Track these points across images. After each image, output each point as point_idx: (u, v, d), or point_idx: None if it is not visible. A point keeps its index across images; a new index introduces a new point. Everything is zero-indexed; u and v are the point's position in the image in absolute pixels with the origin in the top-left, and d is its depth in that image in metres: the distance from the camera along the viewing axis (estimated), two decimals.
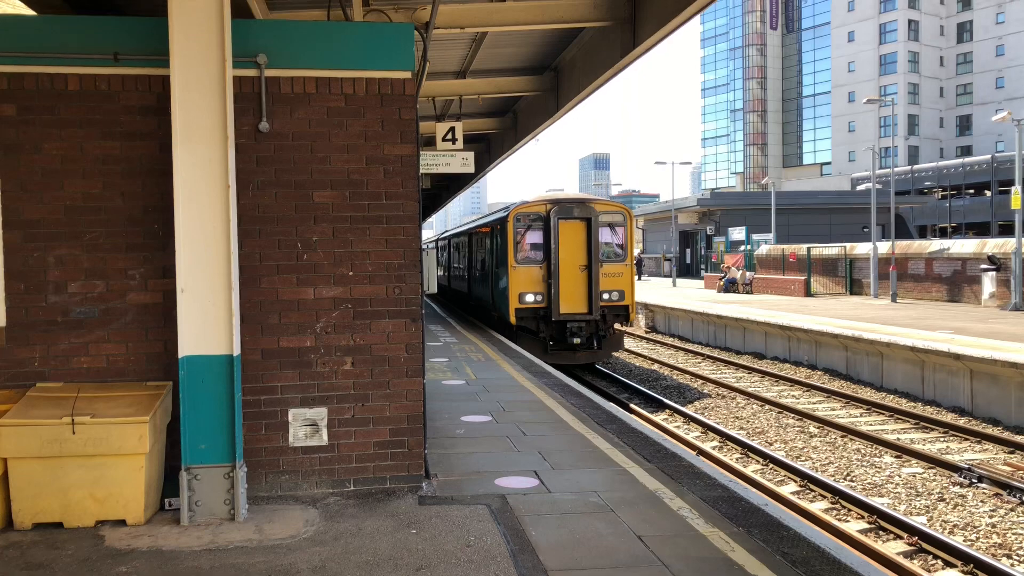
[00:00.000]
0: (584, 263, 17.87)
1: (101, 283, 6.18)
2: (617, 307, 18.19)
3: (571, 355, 18.17)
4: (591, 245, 17.71)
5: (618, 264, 18.30)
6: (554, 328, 17.96)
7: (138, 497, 5.66)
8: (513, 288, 17.77)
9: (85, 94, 6.13)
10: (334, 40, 6.47)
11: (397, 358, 6.53)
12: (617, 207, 18.66)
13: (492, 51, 14.66)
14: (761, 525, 5.65)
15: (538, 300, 17.78)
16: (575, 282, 17.77)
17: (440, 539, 5.39)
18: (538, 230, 18.03)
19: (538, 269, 17.86)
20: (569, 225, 17.82)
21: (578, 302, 17.87)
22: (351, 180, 6.45)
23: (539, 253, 17.97)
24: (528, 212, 18.13)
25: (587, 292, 17.83)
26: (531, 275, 17.83)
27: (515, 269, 17.75)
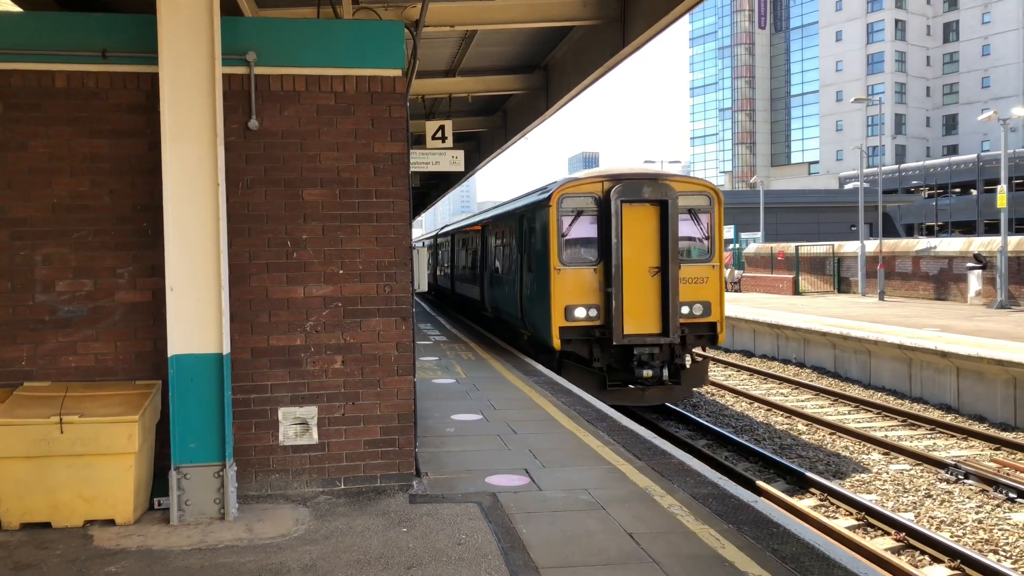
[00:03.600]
0: (656, 264, 12.88)
1: (89, 282, 6.14)
2: (700, 324, 13.26)
3: (638, 394, 13.11)
4: (667, 239, 12.77)
5: (702, 265, 13.29)
6: (614, 355, 13.02)
7: (127, 497, 5.64)
8: (557, 299, 12.85)
9: (72, 91, 6.09)
10: (324, 38, 6.44)
11: (388, 356, 6.52)
12: (701, 185, 13.71)
13: (482, 49, 14.64)
14: (751, 522, 5.67)
15: (592, 316, 12.85)
16: (644, 291, 12.83)
17: (431, 537, 5.39)
18: (591, 217, 13.09)
19: (591, 273, 12.95)
20: (636, 211, 12.91)
21: (648, 319, 12.85)
22: (341, 178, 6.44)
23: (592, 250, 13.09)
24: (578, 192, 13.16)
25: (661, 305, 12.84)
26: (581, 281, 12.90)
27: (559, 273, 12.86)
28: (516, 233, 15.57)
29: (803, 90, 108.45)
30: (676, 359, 13.25)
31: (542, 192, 14.50)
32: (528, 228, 14.51)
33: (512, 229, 16.08)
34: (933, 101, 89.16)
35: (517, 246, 15.40)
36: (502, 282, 17.18)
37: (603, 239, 12.98)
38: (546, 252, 13.13)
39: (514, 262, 15.68)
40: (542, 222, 13.46)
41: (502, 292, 17.15)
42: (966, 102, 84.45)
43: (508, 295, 16.37)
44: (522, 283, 14.90)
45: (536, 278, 13.82)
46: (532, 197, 15.28)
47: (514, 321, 16.11)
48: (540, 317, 13.54)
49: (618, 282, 12.66)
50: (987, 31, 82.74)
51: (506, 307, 16.76)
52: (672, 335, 12.78)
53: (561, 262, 12.99)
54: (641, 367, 12.83)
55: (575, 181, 13.47)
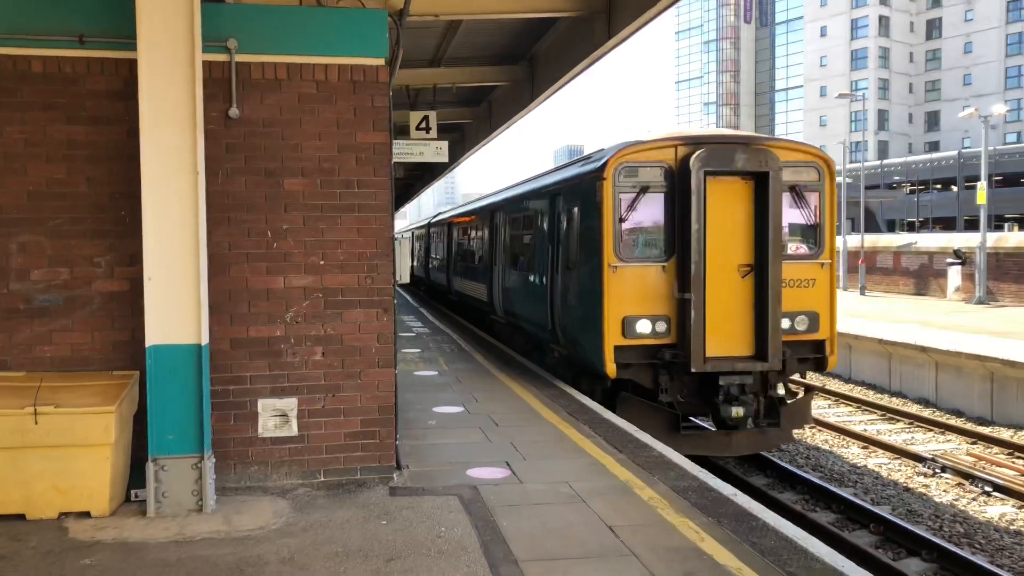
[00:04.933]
0: (748, 260, 9.54)
1: (65, 270, 6.05)
2: (804, 344, 9.92)
3: (722, 440, 9.70)
4: (765, 226, 9.37)
5: (807, 263, 9.92)
6: (690, 386, 9.74)
7: (103, 488, 5.57)
8: (612, 308, 9.49)
9: (49, 77, 5.99)
10: (306, 25, 6.37)
11: (368, 348, 6.48)
12: (808, 153, 10.17)
13: (467, 39, 14.56)
14: (731, 515, 5.69)
15: (660, 332, 9.54)
16: (732, 297, 9.52)
17: (411, 530, 5.37)
18: (658, 195, 9.69)
19: (659, 272, 9.59)
20: (725, 187, 9.51)
21: (738, 336, 9.53)
22: (322, 168, 6.38)
23: (660, 241, 9.74)
24: (643, 161, 9.68)
25: (755, 317, 9.51)
26: (646, 283, 9.57)
27: (616, 272, 9.50)
28: (546, 219, 12.22)
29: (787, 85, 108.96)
30: (771, 390, 9.83)
31: (587, 162, 10.98)
32: (566, 211, 11.03)
33: (539, 214, 12.79)
34: (916, 98, 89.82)
35: (548, 236, 11.91)
36: (522, 282, 13.73)
37: (676, 225, 9.56)
38: (596, 243, 9.69)
39: (542, 257, 12.22)
40: (590, 202, 10.01)
41: (523, 295, 13.71)
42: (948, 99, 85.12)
43: (532, 299, 12.89)
44: (554, 284, 11.48)
45: (579, 278, 10.35)
46: (571, 170, 11.60)
47: (539, 333, 12.62)
48: (584, 331, 10.12)
49: (699, 285, 9.23)
50: (969, 28, 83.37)
51: (528, 314, 13.21)
52: (771, 359, 9.30)
53: (618, 257, 9.53)
54: (728, 403, 9.36)
55: (637, 145, 9.82)
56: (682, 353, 9.40)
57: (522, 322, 14.04)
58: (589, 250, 9.99)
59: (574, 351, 10.82)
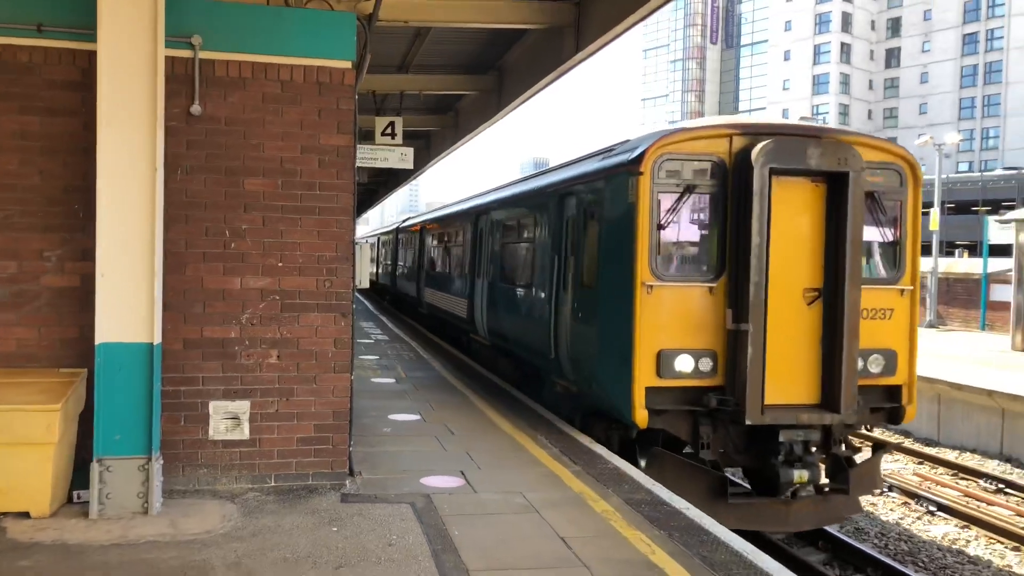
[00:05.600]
0: (815, 283, 7.72)
1: (13, 264, 5.90)
2: (877, 389, 8.01)
3: (780, 512, 7.76)
4: (841, 241, 7.58)
5: (884, 289, 8.05)
6: (739, 440, 7.81)
7: (44, 488, 5.42)
8: (645, 338, 7.54)
9: (3, 65, 5.85)
10: (273, 24, 6.32)
11: (325, 352, 6.41)
12: (891, 152, 8.28)
13: (436, 47, 14.55)
14: (682, 528, 5.73)
15: (704, 371, 7.61)
16: (795, 330, 7.66)
17: (361, 537, 5.31)
18: (704, 197, 7.84)
19: (704, 295, 7.68)
20: (791, 190, 7.69)
21: (802, 379, 7.68)
22: (284, 168, 6.31)
23: (704, 255, 7.93)
24: (690, 154, 7.79)
25: (823, 355, 7.66)
26: (688, 308, 7.67)
27: (651, 293, 7.54)
28: (549, 224, 10.23)
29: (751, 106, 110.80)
30: (836, 447, 7.90)
31: (610, 154, 8.78)
32: (580, 215, 9.13)
33: (539, 218, 10.80)
34: (874, 124, 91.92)
35: (552, 245, 9.99)
36: (515, 299, 11.75)
37: (728, 236, 7.63)
38: (626, 255, 7.69)
39: (543, 270, 10.27)
40: (619, 203, 8.00)
41: (514, 315, 11.76)
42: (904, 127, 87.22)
43: (527, 321, 10.96)
44: (560, 304, 9.53)
45: (599, 299, 8.38)
46: (587, 164, 9.43)
47: (536, 361, 10.70)
48: (604, 366, 8.15)
49: (759, 313, 7.32)
50: (926, 59, 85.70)
51: (522, 338, 11.26)
52: (844, 409, 7.41)
53: (655, 274, 7.53)
54: (790, 464, 7.50)
55: (682, 133, 7.89)
56: (734, 398, 7.41)
57: (513, 346, 11.93)
58: (615, 264, 7.99)
59: (587, 389, 8.76)
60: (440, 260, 18.96)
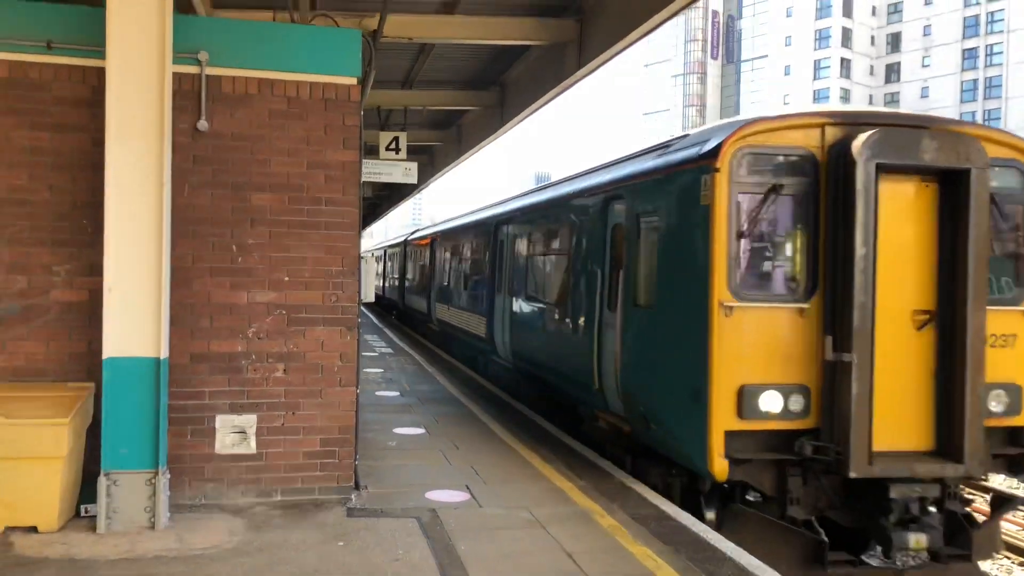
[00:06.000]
0: (927, 305, 6.49)
1: (23, 279, 5.93)
2: (1000, 431, 6.76)
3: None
4: (960, 253, 6.35)
5: (1005, 311, 6.74)
6: (838, 495, 6.54)
7: (52, 503, 5.42)
8: (723, 369, 6.32)
9: (14, 81, 5.90)
10: (279, 41, 6.38)
11: (331, 367, 6.43)
12: (1012, 147, 6.90)
13: (439, 63, 14.65)
14: (689, 543, 5.72)
15: (795, 410, 6.37)
16: (904, 360, 6.45)
17: (368, 552, 5.31)
18: (791, 199, 6.58)
19: (794, 318, 6.45)
20: (898, 190, 6.48)
21: (914, 421, 6.45)
22: (291, 184, 6.35)
23: (794, 269, 6.64)
24: (775, 148, 6.57)
25: (937, 391, 6.45)
26: (774, 333, 6.46)
27: (730, 315, 6.32)
28: (590, 233, 8.94)
29: None
30: (952, 501, 6.55)
31: (669, 149, 7.52)
32: (633, 221, 7.71)
33: (577, 226, 9.44)
34: None
35: (595, 257, 8.72)
36: (545, 319, 10.43)
37: (819, 246, 6.43)
38: (697, 269, 6.47)
39: (583, 286, 8.99)
40: (687, 206, 6.76)
41: (545, 337, 10.40)
42: None
43: (562, 345, 9.61)
44: (605, 327, 8.30)
45: (661, 322, 7.09)
46: (642, 162, 8.00)
47: (574, 391, 9.31)
48: (668, 403, 6.93)
49: (865, 340, 6.11)
50: (926, 74, 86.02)
51: (555, 364, 9.92)
52: (968, 458, 6.16)
53: (734, 292, 6.30)
54: (904, 526, 6.23)
55: (765, 122, 6.55)
56: (834, 445, 6.17)
57: (543, 372, 10.47)
58: (681, 280, 6.77)
59: (643, 428, 7.42)
60: (454, 274, 17.73)
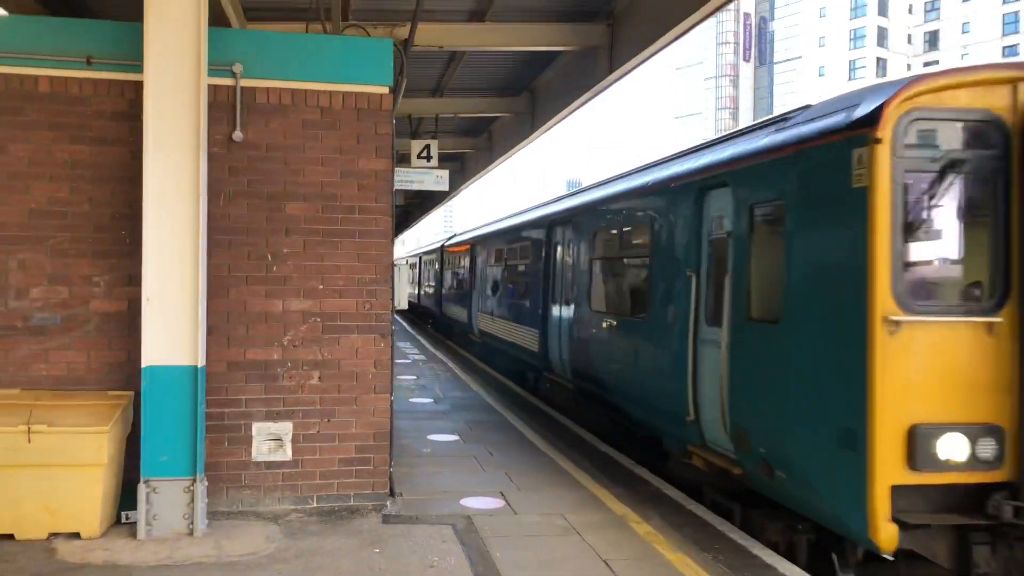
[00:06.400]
0: None
1: (64, 289, 6.05)
2: None
3: None
4: None
5: None
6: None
7: (94, 510, 5.51)
8: (888, 404, 4.73)
9: (55, 96, 6.03)
10: (312, 52, 6.44)
11: (365, 374, 6.46)
12: None
13: (469, 70, 14.71)
14: (727, 551, 5.64)
15: (984, 458, 4.77)
16: None
17: (403, 559, 5.31)
18: (974, 176, 5.00)
19: (979, 334, 4.86)
20: None
21: None
22: (324, 193, 6.40)
23: (975, 271, 5.06)
24: (951, 111, 4.94)
25: None
26: (954, 355, 4.85)
27: (896, 332, 4.75)
28: (680, 231, 7.39)
29: None
30: None
31: (795, 122, 6.01)
32: (745, 214, 6.32)
33: (659, 224, 7.85)
34: None
35: (684, 259, 7.25)
36: (621, 335, 8.76)
37: (1011, 239, 5.02)
38: (849, 272, 5.10)
39: (672, 296, 7.43)
40: (831, 191, 5.33)
41: (614, 355, 8.93)
42: None
43: (646, 364, 8.03)
44: (703, 345, 6.87)
45: (793, 340, 5.64)
46: (758, 139, 6.43)
47: (665, 422, 7.63)
48: (804, 445, 5.45)
49: None
50: None
51: (628, 387, 8.45)
52: None
53: (901, 304, 4.90)
54: None
55: (940, 78, 5.07)
56: None
57: (612, 396, 8.90)
58: (823, 286, 5.33)
59: (761, 473, 5.90)
60: (499, 281, 16.05)
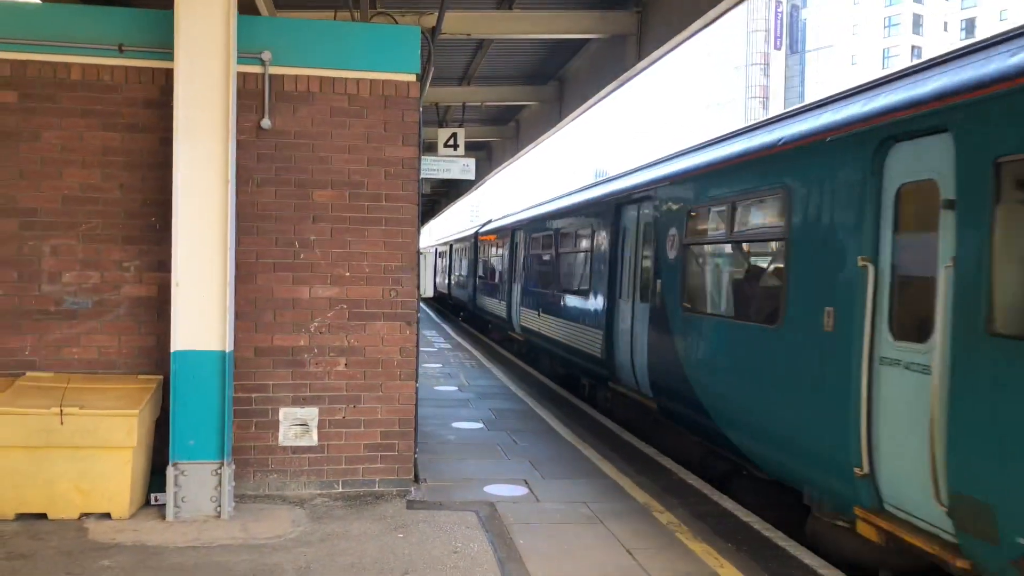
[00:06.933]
0: None
1: (96, 274, 6.14)
2: None
3: None
4: None
5: None
6: None
7: (124, 491, 5.61)
8: None
9: (88, 84, 6.11)
10: (340, 40, 6.45)
11: (391, 361, 6.49)
12: None
13: (497, 58, 14.68)
14: (750, 541, 5.61)
15: None
16: None
17: (427, 544, 5.35)
18: None
19: None
20: None
21: None
22: (351, 181, 6.43)
23: None
24: None
25: None
26: None
27: None
28: (844, 203, 5.37)
29: None
30: None
31: None
32: (973, 174, 4.22)
33: (808, 198, 5.82)
34: None
35: (842, 243, 5.37)
36: (743, 345, 6.68)
37: None
38: None
39: (829, 295, 5.47)
40: None
41: (739, 376, 6.72)
42: None
43: (777, 393, 6.10)
44: (883, 368, 4.97)
45: None
46: (966, 69, 4.55)
47: (818, 472, 5.60)
48: None
49: None
50: None
51: (754, 417, 6.43)
52: None
53: None
54: None
55: None
56: None
57: (718, 422, 6.95)
58: None
59: None
60: (547, 272, 14.01)
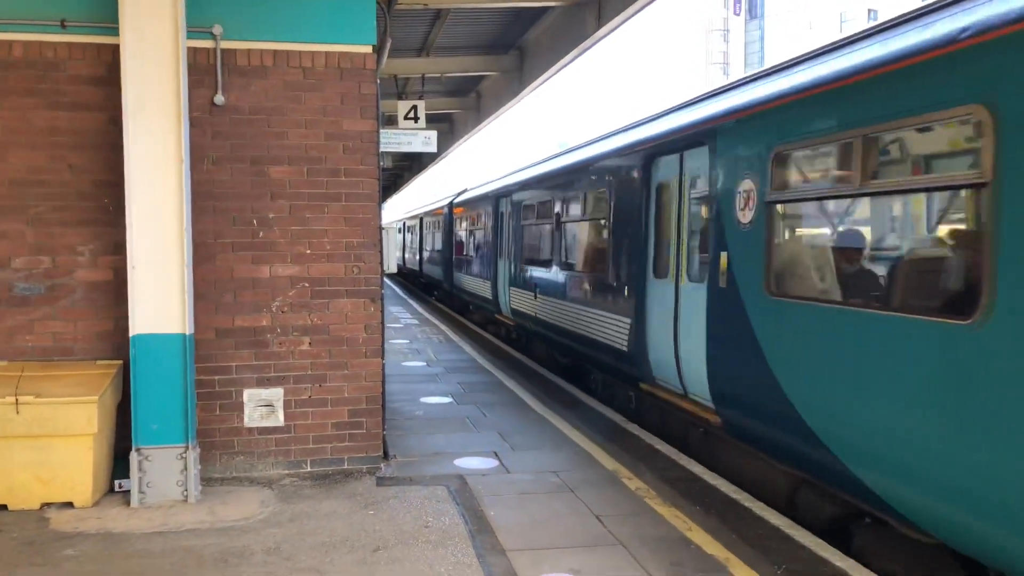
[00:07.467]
0: None
1: (47, 259, 5.98)
2: None
3: None
4: None
5: None
6: None
7: (86, 479, 5.51)
8: None
9: (30, 62, 5.90)
10: (293, 11, 6.29)
11: (356, 338, 6.44)
12: None
13: (455, 28, 14.48)
14: (718, 504, 5.69)
15: None
16: None
17: (398, 520, 5.34)
18: None
19: None
20: None
21: None
22: (309, 156, 6.32)
23: None
24: None
25: None
26: None
27: None
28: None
29: None
30: None
31: None
32: None
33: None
34: None
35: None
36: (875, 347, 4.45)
37: None
38: None
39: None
40: None
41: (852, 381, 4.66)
42: None
43: (960, 428, 3.83)
44: None
45: None
46: None
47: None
48: None
49: None
50: None
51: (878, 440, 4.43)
52: None
53: None
54: None
55: None
56: None
57: (859, 470, 4.71)
58: None
59: None
60: (547, 247, 11.96)
